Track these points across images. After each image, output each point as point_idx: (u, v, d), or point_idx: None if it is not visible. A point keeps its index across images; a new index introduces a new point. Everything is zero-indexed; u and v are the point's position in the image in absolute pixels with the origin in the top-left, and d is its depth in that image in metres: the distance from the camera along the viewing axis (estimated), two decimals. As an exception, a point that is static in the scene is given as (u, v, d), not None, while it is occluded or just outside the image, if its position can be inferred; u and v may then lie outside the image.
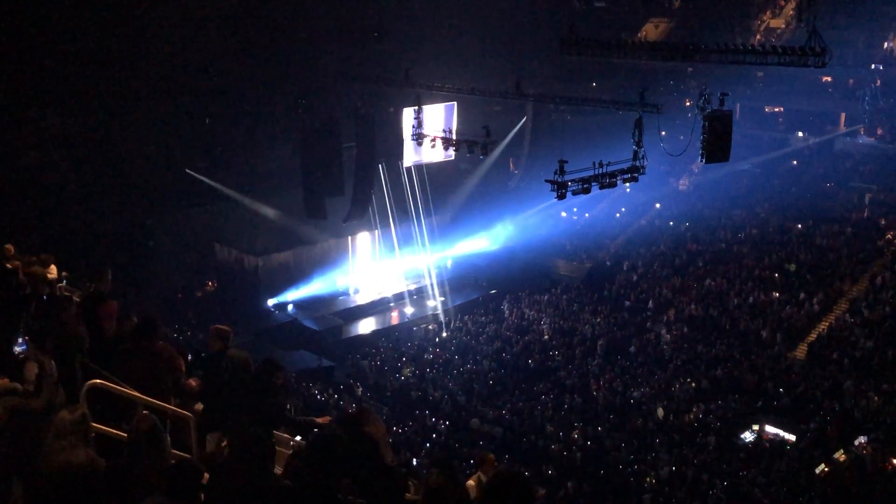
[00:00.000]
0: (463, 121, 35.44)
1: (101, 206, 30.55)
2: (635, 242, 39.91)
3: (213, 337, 7.96)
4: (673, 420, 25.40)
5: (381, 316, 37.95)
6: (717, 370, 27.85)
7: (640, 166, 24.44)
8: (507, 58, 38.53)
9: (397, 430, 25.46)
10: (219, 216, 35.82)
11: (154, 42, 30.34)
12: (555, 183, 23.17)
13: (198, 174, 34.04)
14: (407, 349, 33.35)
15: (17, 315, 7.72)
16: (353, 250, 39.53)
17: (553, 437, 24.84)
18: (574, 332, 32.52)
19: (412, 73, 31.18)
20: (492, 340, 32.87)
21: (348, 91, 34.63)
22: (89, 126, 30.35)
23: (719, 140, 22.67)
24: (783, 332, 29.40)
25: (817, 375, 26.50)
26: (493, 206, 42.81)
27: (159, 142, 32.11)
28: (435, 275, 39.64)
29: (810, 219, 36.61)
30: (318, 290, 37.82)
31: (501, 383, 29.08)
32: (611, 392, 27.46)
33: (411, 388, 29.02)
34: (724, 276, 33.69)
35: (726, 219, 39.17)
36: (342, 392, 28.72)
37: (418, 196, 38.90)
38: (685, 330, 31.05)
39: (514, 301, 37.18)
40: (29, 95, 28.80)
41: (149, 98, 30.70)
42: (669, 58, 26.22)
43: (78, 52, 28.97)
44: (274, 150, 36.82)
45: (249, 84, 34.36)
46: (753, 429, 24.78)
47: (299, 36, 34.49)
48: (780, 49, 21.80)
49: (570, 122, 44.81)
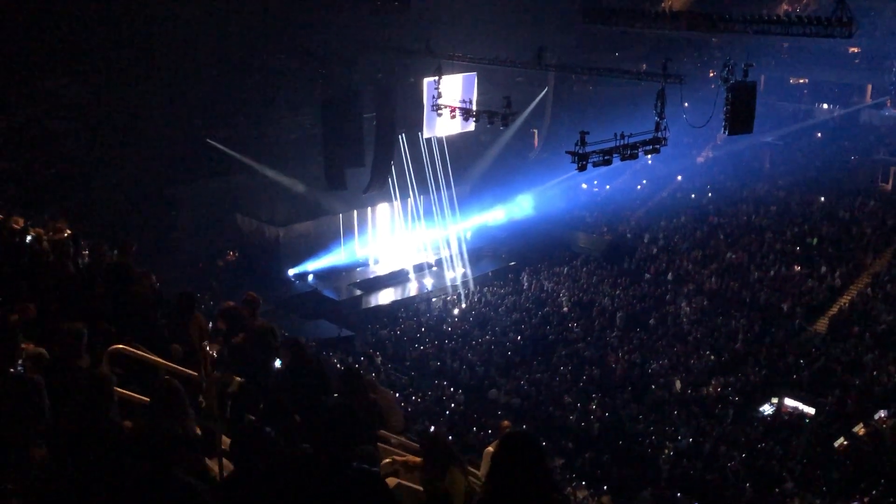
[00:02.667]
0: (483, 91, 35.23)
1: (122, 175, 30.72)
2: (656, 215, 39.68)
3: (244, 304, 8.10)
4: (691, 392, 25.42)
5: (401, 287, 38.10)
6: (737, 343, 27.79)
7: (662, 138, 24.19)
8: (529, 27, 38.08)
9: (416, 399, 25.66)
10: (240, 186, 35.94)
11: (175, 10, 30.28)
12: (576, 154, 23.01)
13: (219, 144, 34.12)
14: (426, 319, 33.49)
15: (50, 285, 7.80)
16: (373, 221, 39.61)
17: (571, 409, 24.94)
18: (593, 305, 32.51)
19: (433, 42, 30.97)
20: (510, 312, 32.92)
21: (369, 61, 34.50)
22: (110, 95, 30.41)
23: (742, 112, 22.41)
24: (804, 306, 29.25)
25: (838, 349, 26.38)
26: (513, 177, 42.70)
27: (180, 111, 32.12)
28: (454, 246, 39.67)
29: (833, 192, 36.21)
30: (338, 260, 38.00)
31: (520, 354, 29.17)
32: (629, 364, 27.50)
33: (430, 358, 29.18)
34: (745, 249, 33.49)
35: (748, 191, 38.84)
36: (362, 361, 28.95)
37: (438, 167, 38.79)
38: (705, 303, 30.95)
39: (533, 273, 37.19)
40: (49, 64, 28.88)
41: (169, 67, 30.67)
42: (693, 28, 25.94)
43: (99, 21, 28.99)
44: (294, 120, 36.81)
45: (270, 53, 34.28)
46: (772, 402, 24.77)
47: (320, 4, 34.32)
48: (806, 19, 21.48)
49: (592, 93, 44.38)
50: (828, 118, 44.54)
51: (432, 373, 28.42)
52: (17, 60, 27.64)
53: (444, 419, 23.78)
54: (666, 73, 24.32)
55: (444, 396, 26.10)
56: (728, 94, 22.30)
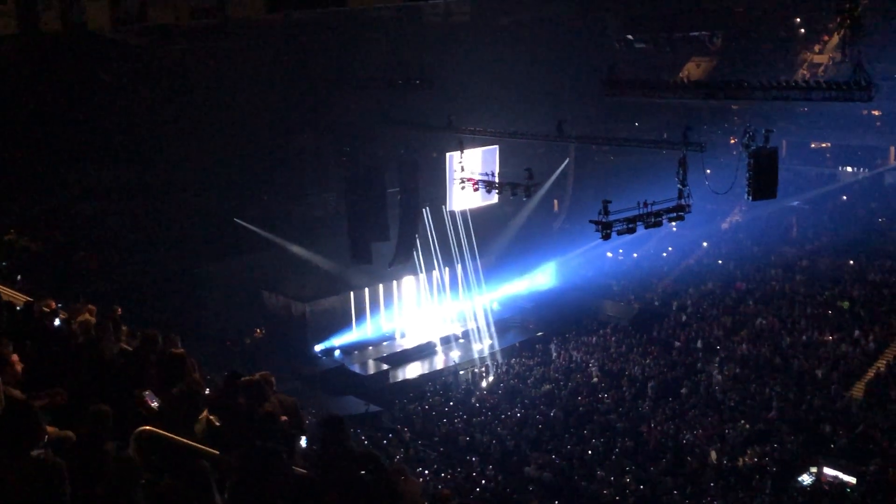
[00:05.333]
0: (506, 163, 35.61)
1: (151, 255, 31.19)
2: (683, 282, 39.41)
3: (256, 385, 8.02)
4: (727, 463, 24.83)
5: (428, 360, 37.90)
6: (772, 411, 27.22)
7: (685, 205, 24.23)
8: (549, 100, 38.68)
9: (445, 476, 25.25)
10: (266, 263, 36.28)
11: (204, 93, 31.12)
12: (599, 223, 23.08)
13: (246, 223, 34.59)
14: (454, 393, 33.20)
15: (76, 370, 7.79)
16: (399, 294, 39.68)
17: (604, 482, 24.42)
18: (623, 374, 32.10)
19: (454, 118, 31.47)
20: (540, 383, 32.56)
21: (392, 137, 35.08)
22: (139, 177, 31.17)
23: (765, 177, 22.42)
24: (839, 371, 28.69)
25: (877, 415, 25.74)
26: (537, 247, 42.79)
27: (208, 193, 32.79)
28: (481, 318, 39.56)
29: (863, 254, 35.84)
30: (364, 335, 38.00)
31: (550, 427, 28.73)
32: (663, 435, 26.98)
33: (459, 434, 28.82)
34: (775, 315, 33.06)
35: (777, 256, 38.55)
36: (390, 438, 28.65)
37: (463, 239, 39.02)
38: (737, 370, 30.46)
39: (561, 343, 36.88)
40: (82, 148, 29.67)
41: (198, 149, 31.40)
42: (712, 96, 26.15)
43: (129, 106, 29.84)
44: (320, 196, 37.35)
45: (294, 133, 35.02)
46: (811, 471, 24.10)
47: (343, 83, 35.12)
48: (825, 84, 21.61)
49: (614, 163, 44.70)
50: (852, 181, 44.39)
51: (462, 448, 28.00)
52: (51, 145, 28.43)
53: (474, 496, 23.33)
54: (687, 142, 24.48)
55: (475, 473, 25.67)
56: (750, 160, 22.35)
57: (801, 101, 23.98)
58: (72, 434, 5.73)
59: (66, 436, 5.67)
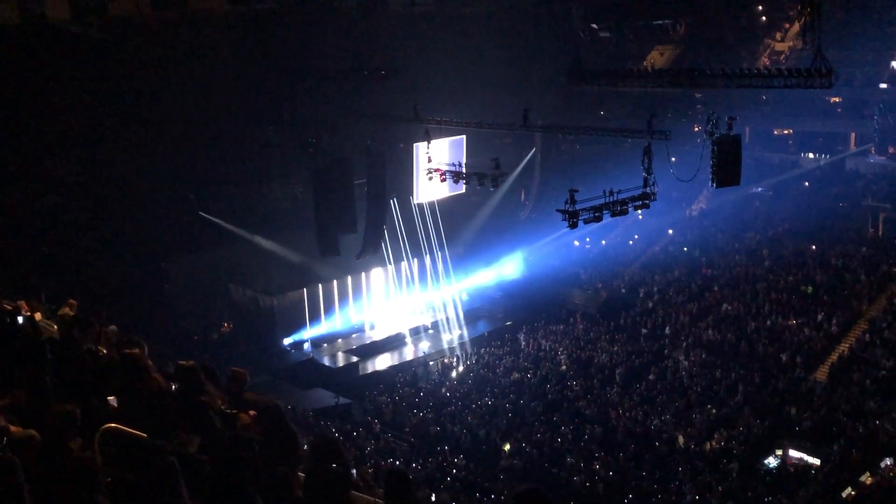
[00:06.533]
0: (472, 154, 35.60)
1: (116, 250, 30.78)
2: (650, 269, 39.74)
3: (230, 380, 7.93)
4: (695, 447, 25.13)
5: (398, 351, 37.86)
6: (738, 395, 27.58)
7: (650, 193, 24.43)
8: (515, 90, 38.72)
9: (416, 466, 25.28)
10: (233, 257, 35.98)
11: (166, 87, 30.73)
12: (566, 212, 23.20)
13: (211, 216, 34.28)
14: (424, 384, 33.23)
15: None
16: (368, 286, 39.59)
17: (574, 469, 24.61)
18: (591, 362, 32.34)
19: (420, 108, 31.38)
20: (509, 372, 32.70)
21: (358, 128, 34.91)
22: (103, 172, 30.66)
23: (729, 164, 22.66)
24: (803, 355, 29.12)
25: (839, 397, 26.19)
26: (505, 237, 42.89)
27: (173, 186, 32.39)
28: (450, 308, 39.61)
29: (825, 239, 36.35)
30: (333, 327, 37.87)
31: (520, 415, 28.87)
32: (631, 421, 27.24)
33: (430, 424, 28.86)
34: (740, 301, 33.46)
35: (740, 242, 38.98)
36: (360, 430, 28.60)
37: (431, 230, 39.01)
38: (703, 356, 30.81)
39: (530, 332, 37.04)
40: (43, 142, 29.18)
41: (161, 142, 31.02)
42: (676, 84, 26.37)
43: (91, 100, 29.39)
44: (286, 189, 37.10)
45: (259, 125, 34.70)
46: (777, 454, 24.48)
47: (308, 75, 34.86)
48: (786, 71, 21.87)
49: (580, 152, 44.85)
50: (814, 167, 44.98)
51: (433, 438, 28.05)
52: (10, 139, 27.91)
53: (445, 486, 23.39)
54: (651, 130, 24.65)
55: (445, 463, 25.73)
56: (714, 147, 22.57)
57: (764, 89, 24.18)
58: (36, 433, 5.65)
59: (30, 435, 5.60)
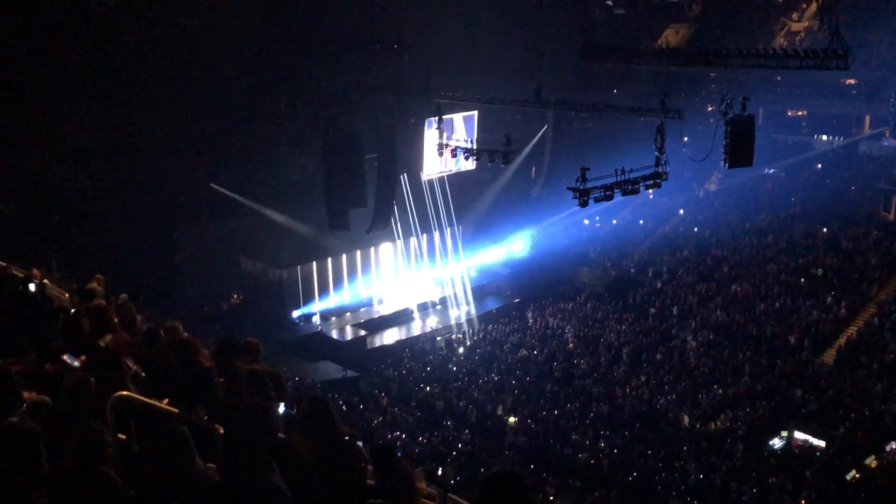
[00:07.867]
0: (484, 130, 35.48)
1: (127, 221, 30.84)
2: (659, 249, 39.67)
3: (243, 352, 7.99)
4: (700, 427, 25.21)
5: (405, 326, 38.01)
6: (745, 376, 27.61)
7: (662, 172, 24.30)
8: (528, 66, 38.41)
9: (422, 440, 25.46)
10: (244, 229, 36.03)
11: (177, 57, 30.61)
12: (577, 190, 23.11)
13: (222, 188, 34.32)
14: (431, 359, 33.37)
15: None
16: (377, 261, 39.67)
17: (579, 446, 24.73)
18: (599, 340, 32.38)
19: (433, 83, 31.24)
20: (516, 349, 32.79)
21: (369, 103, 34.80)
22: (114, 142, 30.64)
23: (742, 144, 22.51)
24: (811, 338, 29.11)
25: (846, 380, 26.20)
26: (515, 214, 42.83)
27: (184, 157, 32.37)
28: (458, 284, 39.67)
29: (836, 222, 36.20)
30: (342, 301, 38.01)
31: (526, 392, 28.99)
32: (637, 400, 27.32)
33: (436, 399, 29.01)
34: (749, 282, 33.40)
35: (751, 224, 38.85)
36: (368, 403, 28.80)
37: (440, 206, 38.97)
38: (711, 336, 30.81)
39: (537, 309, 37.09)
40: (55, 111, 29.14)
41: (173, 113, 30.94)
42: (690, 63, 26.22)
43: (103, 69, 29.31)
44: (297, 162, 37.06)
45: (272, 97, 34.61)
46: (782, 435, 24.54)
47: (320, 49, 34.70)
48: (802, 52, 21.69)
49: (592, 130, 44.69)
50: (827, 149, 44.70)
51: (439, 413, 28.22)
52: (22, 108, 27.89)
53: (450, 459, 23.56)
54: (665, 109, 24.48)
55: (450, 437, 25.90)
56: (727, 127, 22.41)
57: (779, 70, 23.95)
58: (48, 399, 5.71)
59: (42, 401, 5.66)
